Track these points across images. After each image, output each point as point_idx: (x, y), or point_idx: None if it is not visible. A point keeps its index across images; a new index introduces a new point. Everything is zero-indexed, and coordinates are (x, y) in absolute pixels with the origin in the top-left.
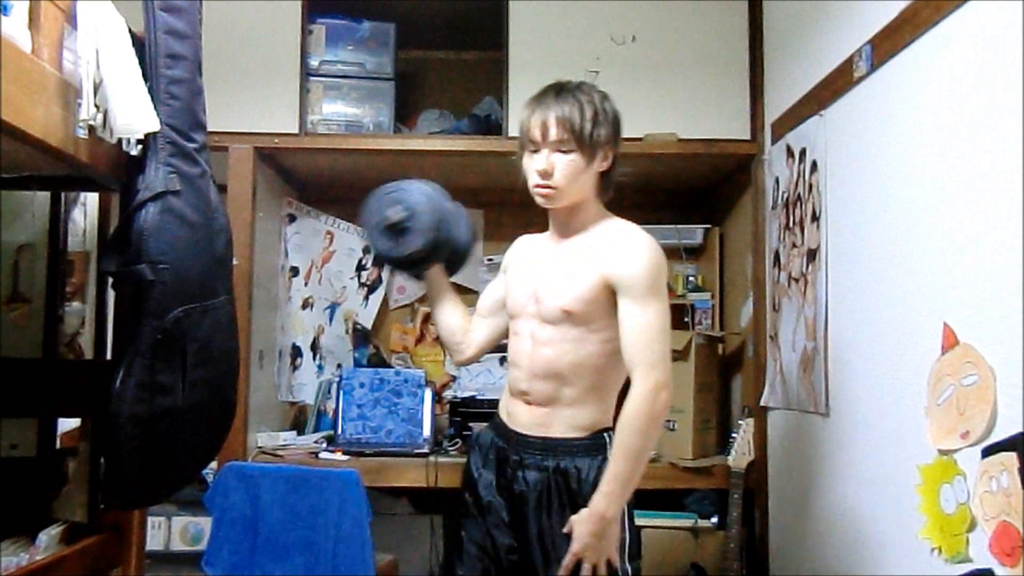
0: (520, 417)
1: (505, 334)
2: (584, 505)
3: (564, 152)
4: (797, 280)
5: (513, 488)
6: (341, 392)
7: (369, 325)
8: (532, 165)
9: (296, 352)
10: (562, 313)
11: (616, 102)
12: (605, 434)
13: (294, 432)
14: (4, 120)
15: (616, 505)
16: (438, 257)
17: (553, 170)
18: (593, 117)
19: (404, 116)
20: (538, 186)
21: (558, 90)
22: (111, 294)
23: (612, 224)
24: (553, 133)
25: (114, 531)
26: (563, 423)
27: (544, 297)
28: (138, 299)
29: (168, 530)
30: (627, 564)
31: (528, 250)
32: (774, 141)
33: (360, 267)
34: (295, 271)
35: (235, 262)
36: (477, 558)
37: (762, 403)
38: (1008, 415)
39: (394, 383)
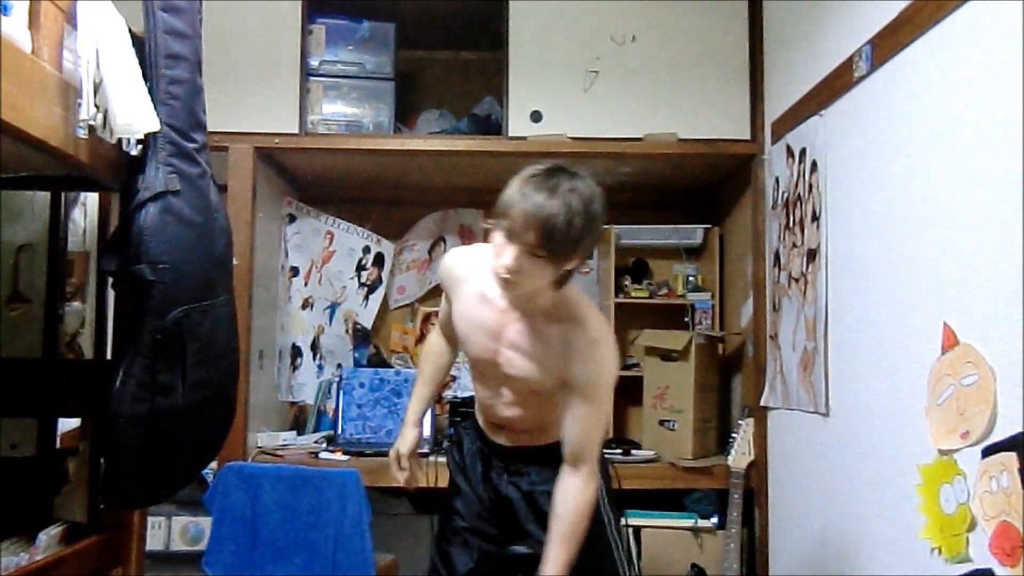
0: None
1: None
2: None
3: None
4: (797, 280)
5: None
6: (341, 392)
7: (369, 325)
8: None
9: (296, 352)
10: (528, 391)
11: (616, 102)
12: None
13: (294, 432)
14: (4, 120)
15: None
16: None
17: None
18: (577, 234)
19: (404, 116)
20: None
21: (552, 187)
22: (111, 294)
23: (567, 312)
24: (531, 238)
25: (114, 531)
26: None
27: (508, 367)
28: (138, 299)
29: (168, 530)
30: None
31: (472, 279)
32: (774, 141)
33: (360, 267)
34: (295, 271)
35: (235, 262)
36: None
37: (762, 403)
38: (1008, 415)
39: (394, 383)
